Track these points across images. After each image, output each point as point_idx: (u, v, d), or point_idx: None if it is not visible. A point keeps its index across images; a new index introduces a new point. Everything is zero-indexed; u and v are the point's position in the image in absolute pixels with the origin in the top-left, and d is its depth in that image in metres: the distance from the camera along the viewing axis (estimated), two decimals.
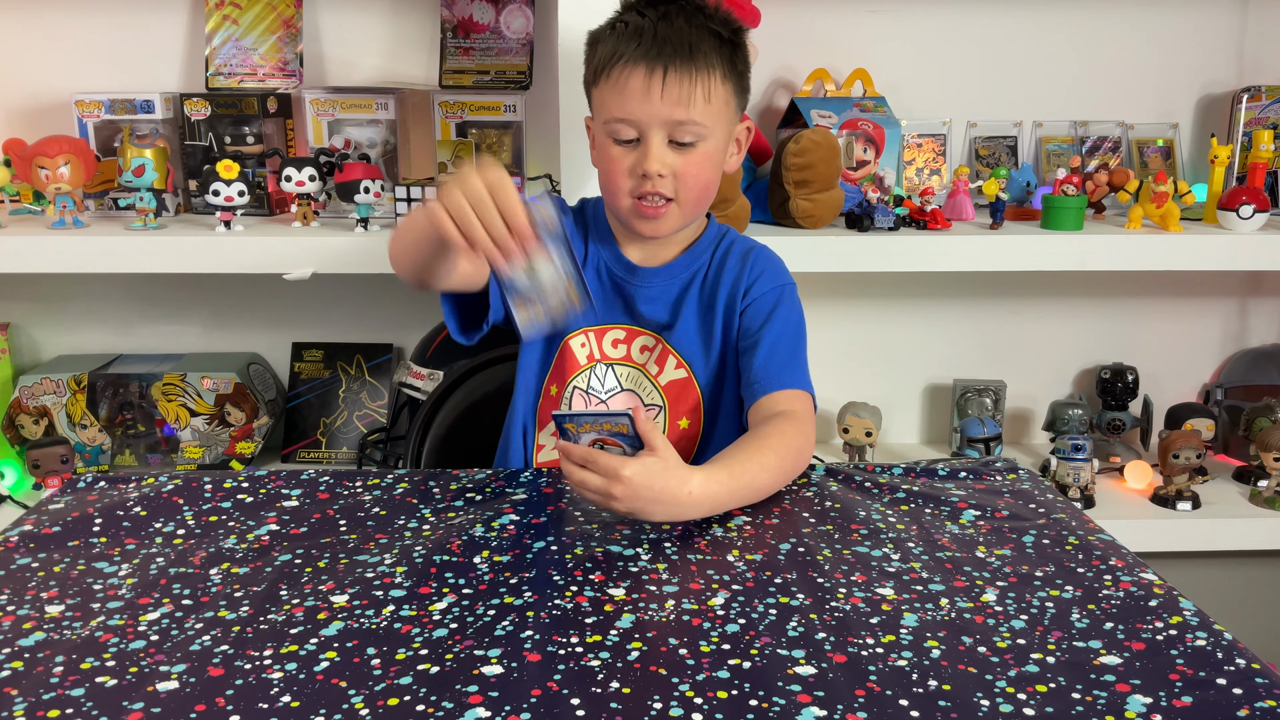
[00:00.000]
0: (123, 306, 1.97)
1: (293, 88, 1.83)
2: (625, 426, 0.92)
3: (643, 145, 1.12)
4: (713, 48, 1.12)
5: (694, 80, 1.10)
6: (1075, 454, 1.77)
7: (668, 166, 1.12)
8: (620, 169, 1.14)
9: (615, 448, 0.93)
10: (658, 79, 1.09)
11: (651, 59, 1.09)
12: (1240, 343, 2.08)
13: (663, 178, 1.12)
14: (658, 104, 1.10)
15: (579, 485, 0.93)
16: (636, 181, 1.13)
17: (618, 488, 0.90)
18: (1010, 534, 0.95)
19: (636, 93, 1.10)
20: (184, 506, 1.00)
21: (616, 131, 1.13)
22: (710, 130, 1.13)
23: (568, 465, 0.93)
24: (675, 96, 1.10)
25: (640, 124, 1.11)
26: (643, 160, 1.12)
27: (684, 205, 1.15)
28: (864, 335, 2.02)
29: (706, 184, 1.16)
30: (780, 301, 1.20)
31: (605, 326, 1.22)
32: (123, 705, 0.67)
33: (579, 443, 0.94)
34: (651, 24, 1.11)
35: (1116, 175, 1.84)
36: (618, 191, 1.15)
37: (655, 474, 0.91)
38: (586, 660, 0.72)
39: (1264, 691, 0.69)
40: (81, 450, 1.86)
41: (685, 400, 1.21)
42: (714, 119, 1.13)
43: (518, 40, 1.85)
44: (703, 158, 1.13)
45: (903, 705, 0.67)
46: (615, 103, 1.12)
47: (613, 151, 1.14)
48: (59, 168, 1.65)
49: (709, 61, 1.11)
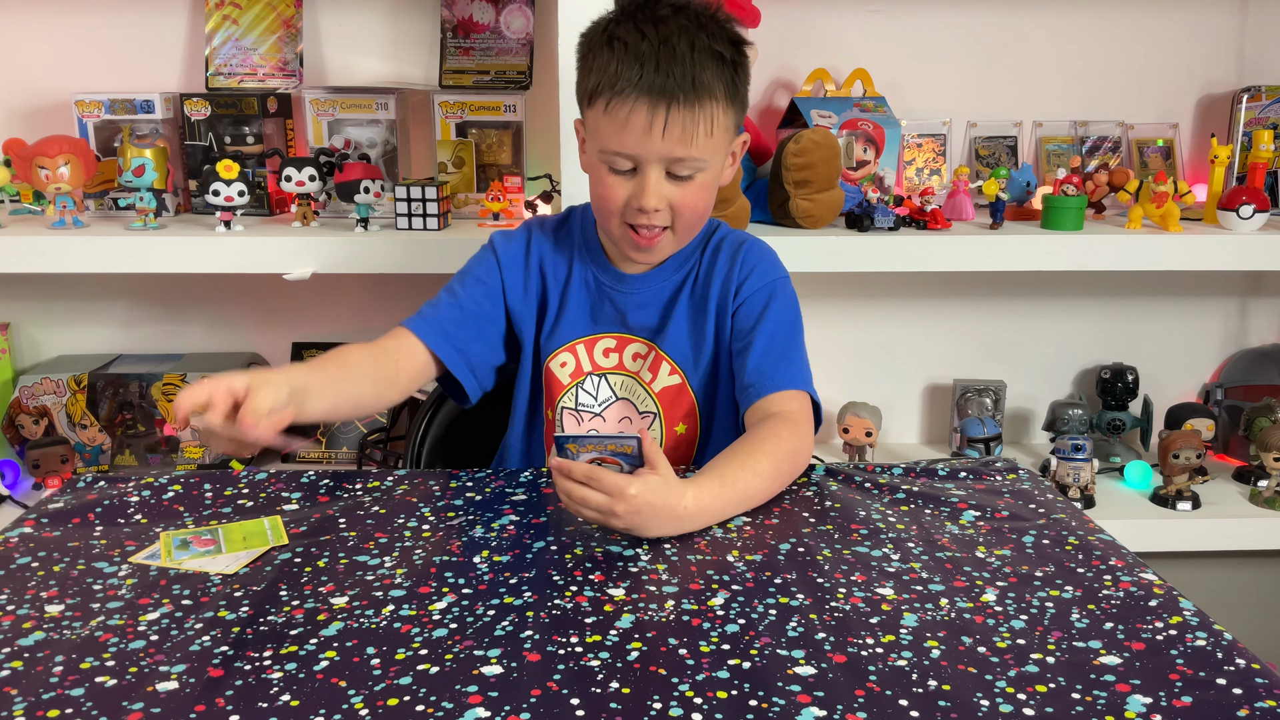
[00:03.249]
0: (123, 306, 1.97)
1: (293, 88, 1.83)
2: (631, 448, 0.92)
3: (640, 178, 1.08)
4: (715, 75, 1.06)
5: (696, 118, 1.05)
6: (1075, 454, 1.77)
7: (664, 200, 1.09)
8: (615, 198, 1.10)
9: (614, 465, 0.93)
10: (660, 118, 1.04)
11: (654, 96, 1.03)
12: (1240, 343, 2.08)
13: (659, 211, 1.09)
14: (659, 142, 1.05)
15: (580, 502, 0.91)
16: (631, 212, 1.10)
17: (621, 506, 0.89)
18: (1010, 534, 0.95)
19: (636, 130, 1.05)
20: (184, 513, 1.00)
21: (613, 162, 1.08)
22: (710, 161, 1.09)
23: (566, 483, 0.91)
24: (677, 136, 1.05)
25: (638, 158, 1.07)
26: (639, 194, 1.08)
27: (679, 232, 1.13)
28: (864, 335, 2.02)
29: (704, 211, 1.13)
30: (773, 298, 1.18)
31: (595, 336, 1.20)
32: (123, 705, 0.67)
33: (577, 461, 0.94)
34: (652, 49, 1.04)
35: (1116, 175, 1.84)
36: (610, 216, 1.12)
37: (656, 491, 0.91)
38: (586, 660, 0.72)
39: (1264, 691, 0.69)
40: (81, 450, 1.86)
41: (680, 406, 1.19)
42: (714, 150, 1.09)
43: (518, 40, 1.85)
44: (700, 188, 1.10)
45: (903, 705, 0.67)
46: (613, 135, 1.07)
47: (608, 179, 1.10)
48: (59, 168, 1.65)
49: (712, 93, 1.05)
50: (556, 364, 1.20)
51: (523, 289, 1.21)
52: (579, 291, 1.20)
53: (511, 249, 1.22)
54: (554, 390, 1.20)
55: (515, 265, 1.21)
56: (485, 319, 1.19)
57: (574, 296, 1.20)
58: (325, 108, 1.77)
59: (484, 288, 1.20)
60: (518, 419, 1.24)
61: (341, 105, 1.78)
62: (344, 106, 1.78)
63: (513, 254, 1.21)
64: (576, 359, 1.20)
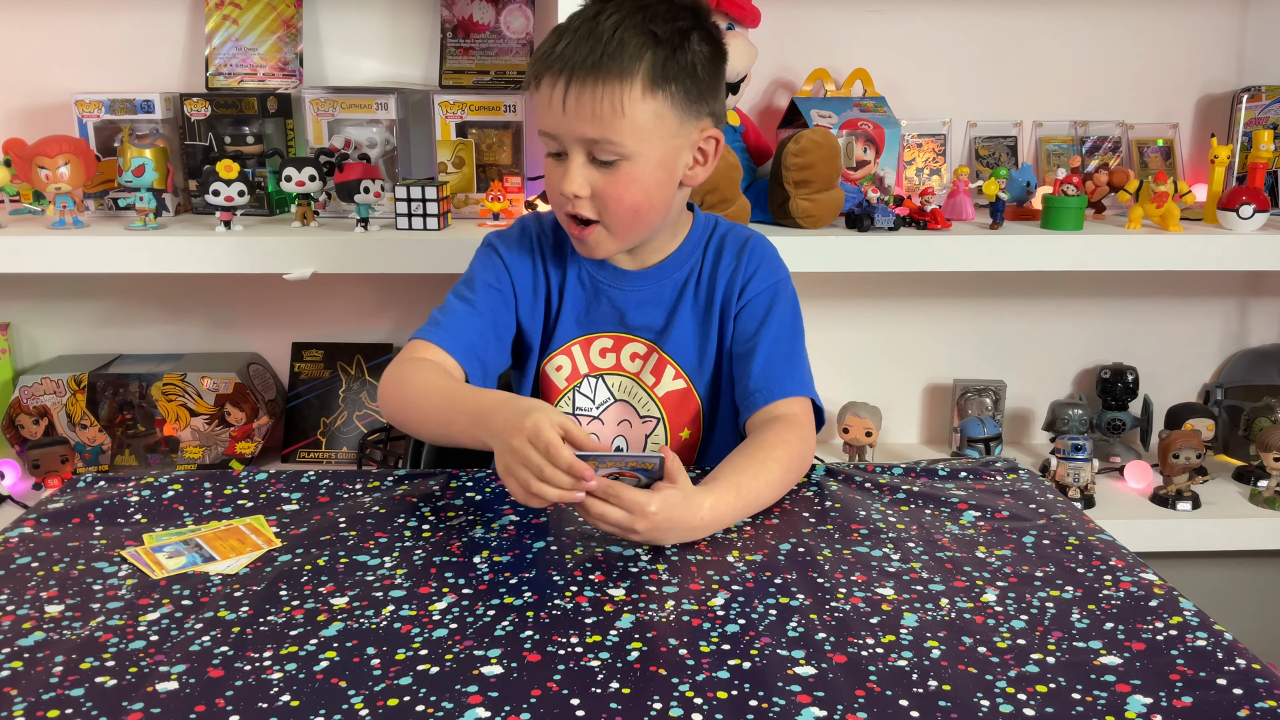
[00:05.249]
0: (123, 306, 1.97)
1: (293, 88, 1.83)
2: (652, 464, 0.92)
3: (565, 161, 1.05)
4: (635, 54, 1.00)
5: (599, 94, 0.99)
6: (1075, 454, 1.77)
7: (587, 186, 1.04)
8: (552, 184, 1.07)
9: (630, 479, 0.92)
10: (559, 91, 1.01)
11: (556, 69, 1.01)
12: (1240, 343, 2.08)
13: (580, 198, 1.04)
14: (570, 118, 1.01)
15: (599, 518, 0.89)
16: (563, 199, 1.06)
17: (642, 524, 0.89)
18: (1010, 534, 0.95)
19: (552, 105, 1.02)
20: (184, 513, 1.00)
21: (546, 144, 1.06)
22: (634, 149, 1.02)
23: (585, 498, 0.89)
24: (581, 110, 1.00)
25: (560, 139, 1.03)
26: (561, 178, 1.05)
27: (613, 228, 1.07)
28: (864, 335, 2.02)
29: (635, 206, 1.05)
30: (775, 301, 1.15)
31: (591, 336, 1.18)
32: (123, 705, 0.67)
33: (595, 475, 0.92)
34: (577, 25, 1.01)
35: (1116, 175, 1.84)
36: (555, 206, 1.09)
37: (676, 506, 0.90)
38: (586, 660, 0.72)
39: (1264, 691, 0.69)
40: (81, 450, 1.86)
41: (685, 411, 1.18)
42: (637, 137, 1.01)
43: (518, 40, 1.85)
44: (628, 179, 1.03)
45: (903, 705, 0.67)
46: (539, 114, 1.04)
47: (547, 164, 1.08)
48: (59, 168, 1.65)
49: (623, 71, 0.99)
50: (552, 368, 1.18)
51: (531, 292, 1.18)
52: (574, 290, 1.18)
53: (515, 250, 1.18)
54: (550, 395, 1.18)
55: (523, 267, 1.18)
56: (503, 326, 1.16)
57: (570, 295, 1.18)
58: (325, 108, 1.77)
59: (499, 295, 1.16)
60: None
61: (341, 105, 1.78)
62: (344, 106, 1.78)
63: (517, 256, 1.18)
64: (572, 361, 1.18)
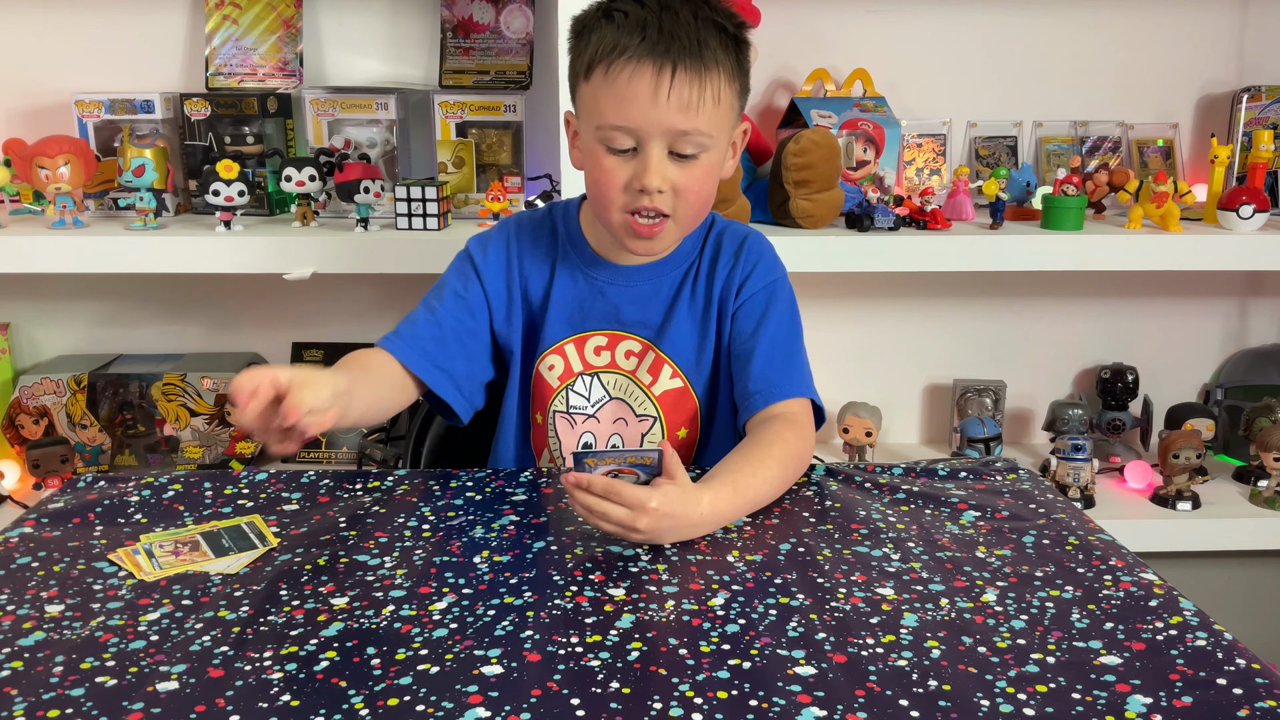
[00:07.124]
0: (123, 306, 1.97)
1: (293, 88, 1.83)
2: (651, 459, 0.92)
3: (641, 156, 1.02)
4: (719, 44, 1.01)
5: (703, 82, 1.00)
6: (1075, 454, 1.77)
7: (668, 181, 1.03)
8: (614, 181, 1.03)
9: (630, 475, 0.92)
10: (665, 80, 0.98)
11: (659, 56, 0.98)
12: (1240, 343, 2.08)
13: (662, 193, 1.03)
14: (663, 109, 0.99)
15: (600, 516, 0.89)
16: (632, 196, 1.03)
17: (643, 521, 0.88)
18: (1010, 534, 0.95)
19: (640, 96, 0.99)
20: (184, 513, 1.00)
21: (611, 140, 1.02)
22: (714, 139, 1.03)
23: (586, 497, 0.89)
24: (683, 100, 0.99)
25: (640, 133, 1.01)
26: (641, 174, 1.02)
27: (681, 221, 1.07)
28: (864, 335, 2.02)
29: (707, 198, 1.07)
30: (773, 300, 1.15)
31: (585, 335, 1.16)
32: (123, 705, 0.67)
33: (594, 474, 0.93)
34: (654, 15, 0.99)
35: (1116, 175, 1.84)
36: (609, 205, 1.05)
37: (675, 501, 0.90)
38: (586, 660, 0.72)
39: (1264, 691, 0.69)
40: (81, 450, 1.86)
41: (683, 410, 1.17)
42: (719, 126, 1.03)
43: (518, 40, 1.85)
44: (704, 171, 1.04)
45: (903, 705, 0.67)
46: (612, 107, 1.01)
47: (606, 162, 1.04)
48: (59, 168, 1.65)
49: (717, 59, 1.00)
50: (544, 367, 1.17)
51: (506, 298, 1.17)
52: (564, 289, 1.16)
53: (490, 257, 1.17)
54: (544, 395, 1.17)
55: (496, 274, 1.16)
56: (467, 334, 1.15)
57: (559, 295, 1.16)
58: (325, 108, 1.77)
59: (463, 303, 1.15)
60: (508, 426, 1.20)
61: (341, 105, 1.78)
62: (344, 106, 1.78)
63: (491, 262, 1.16)
64: (565, 360, 1.17)
